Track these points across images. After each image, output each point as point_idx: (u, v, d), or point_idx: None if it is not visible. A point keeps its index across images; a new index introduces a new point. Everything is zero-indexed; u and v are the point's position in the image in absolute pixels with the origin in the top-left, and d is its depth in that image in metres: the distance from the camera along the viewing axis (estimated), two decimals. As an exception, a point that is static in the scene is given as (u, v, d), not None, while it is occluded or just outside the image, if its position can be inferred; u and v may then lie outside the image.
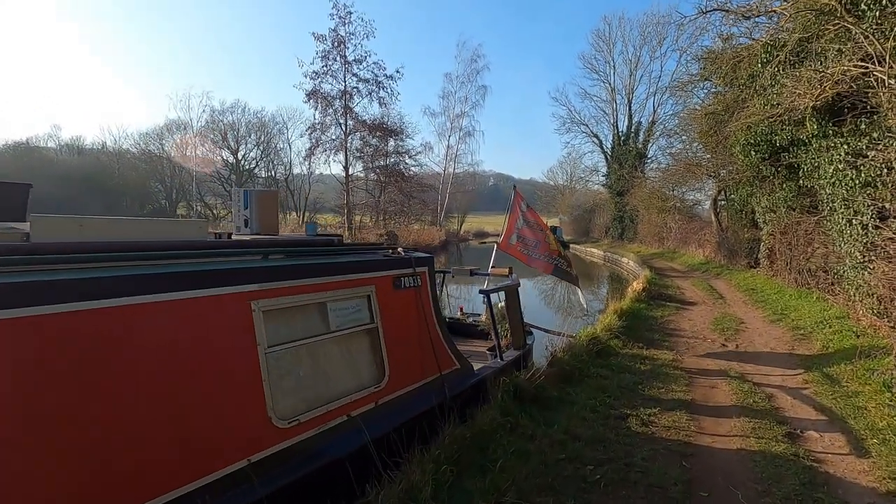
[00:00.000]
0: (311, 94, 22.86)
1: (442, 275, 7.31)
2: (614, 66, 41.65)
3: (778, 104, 9.04)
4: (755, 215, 15.45)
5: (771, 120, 10.23)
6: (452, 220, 60.64)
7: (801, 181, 10.22)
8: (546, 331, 7.70)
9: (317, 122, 24.14)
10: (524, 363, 5.37)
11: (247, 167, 57.97)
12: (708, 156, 17.48)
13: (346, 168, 24.95)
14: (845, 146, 8.01)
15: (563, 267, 7.47)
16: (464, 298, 12.27)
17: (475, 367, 4.68)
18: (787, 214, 12.43)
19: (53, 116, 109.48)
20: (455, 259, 36.32)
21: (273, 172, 57.65)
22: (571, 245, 44.35)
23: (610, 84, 41.81)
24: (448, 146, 50.51)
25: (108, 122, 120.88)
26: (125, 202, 52.92)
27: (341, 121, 24.06)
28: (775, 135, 10.34)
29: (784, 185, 11.73)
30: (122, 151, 58.82)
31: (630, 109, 40.39)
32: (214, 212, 56.29)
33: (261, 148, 58.39)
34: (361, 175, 29.78)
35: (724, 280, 15.87)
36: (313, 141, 24.72)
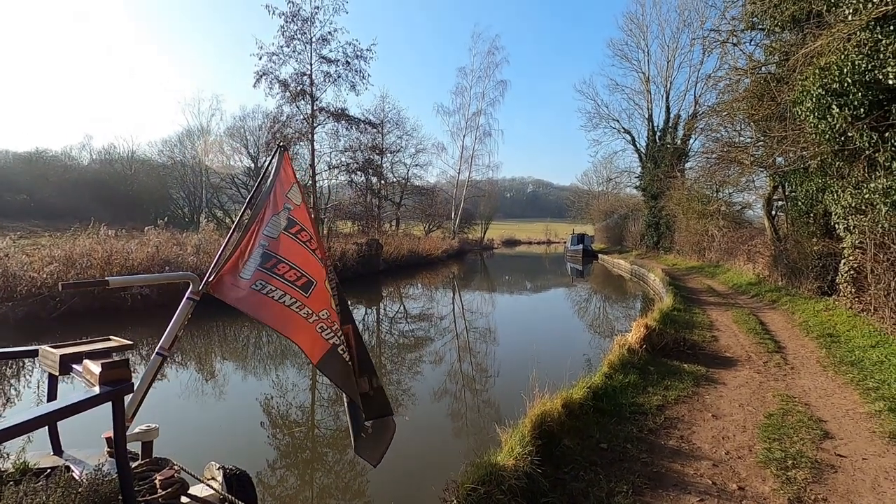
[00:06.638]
0: (262, 76, 19.12)
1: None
2: (648, 53, 36.29)
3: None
4: (830, 219, 10.58)
5: (874, 39, 5.54)
6: (477, 227, 56.45)
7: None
8: None
9: (277, 112, 20.52)
10: None
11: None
12: (756, 137, 12.50)
13: (312, 165, 21.12)
14: None
15: (342, 356, 2.55)
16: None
17: None
18: (889, 215, 7.67)
19: (85, 126, 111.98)
20: (476, 267, 31.49)
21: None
22: (599, 255, 39.09)
23: (644, 73, 36.45)
24: (463, 147, 46.28)
25: (123, 130, 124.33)
26: (141, 209, 51.37)
27: (304, 109, 20.25)
28: (883, 67, 5.61)
29: (892, 165, 6.89)
30: (141, 159, 58.39)
31: (668, 101, 34.77)
32: (234, 218, 54.15)
33: (280, 152, 56.05)
34: (326, 173, 25.79)
35: (783, 313, 10.89)
36: (270, 136, 21.04)
